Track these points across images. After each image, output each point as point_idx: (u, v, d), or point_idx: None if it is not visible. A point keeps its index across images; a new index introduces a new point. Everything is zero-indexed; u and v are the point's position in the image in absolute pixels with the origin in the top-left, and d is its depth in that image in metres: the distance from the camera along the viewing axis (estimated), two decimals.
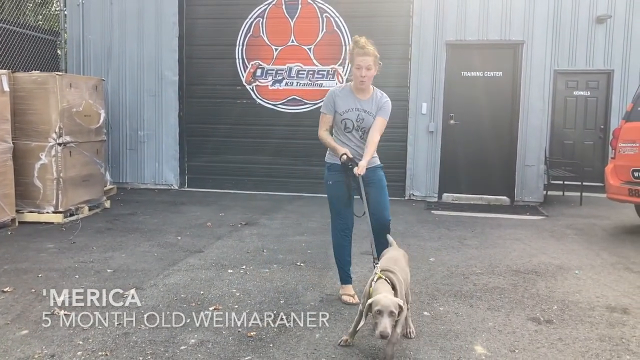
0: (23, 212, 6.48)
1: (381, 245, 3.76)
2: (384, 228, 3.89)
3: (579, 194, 8.79)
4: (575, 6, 9.91)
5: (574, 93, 10.33)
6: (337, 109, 3.92)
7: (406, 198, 8.73)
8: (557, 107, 10.32)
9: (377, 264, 3.30)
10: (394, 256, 3.48)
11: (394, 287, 3.05)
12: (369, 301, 2.94)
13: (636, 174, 6.33)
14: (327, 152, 4.05)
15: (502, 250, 5.58)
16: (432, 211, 7.77)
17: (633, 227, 6.91)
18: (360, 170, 3.70)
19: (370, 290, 3.04)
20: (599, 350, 3.19)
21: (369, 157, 3.80)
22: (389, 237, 3.73)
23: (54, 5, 12.55)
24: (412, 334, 3.34)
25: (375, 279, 3.09)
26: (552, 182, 9.13)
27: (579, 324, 3.61)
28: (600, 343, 3.30)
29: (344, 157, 3.82)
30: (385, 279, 3.07)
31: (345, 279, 4.08)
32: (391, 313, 2.82)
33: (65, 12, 9.50)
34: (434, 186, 8.71)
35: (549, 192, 8.99)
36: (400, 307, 2.89)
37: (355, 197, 4.00)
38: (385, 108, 3.92)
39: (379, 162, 4.03)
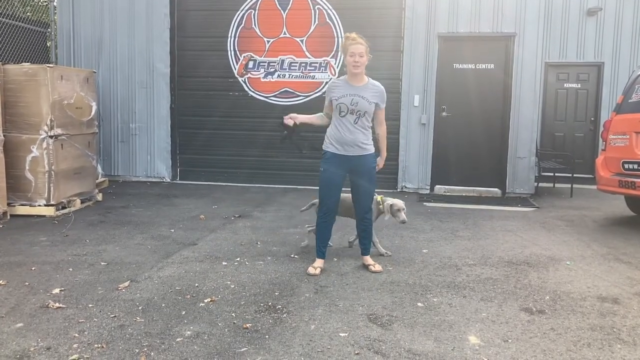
0: (15, 205, 6.45)
1: (363, 230, 4.63)
2: (363, 218, 4.59)
3: (569, 185, 8.87)
4: None
5: (565, 85, 10.39)
6: (333, 97, 4.34)
7: (398, 190, 8.76)
8: (548, 100, 10.39)
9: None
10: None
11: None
12: (390, 204, 4.82)
13: (626, 166, 6.39)
14: (324, 140, 4.45)
15: (494, 242, 5.62)
16: (425, 203, 7.80)
17: (623, 219, 6.99)
18: (380, 165, 4.65)
19: (382, 202, 4.89)
20: (590, 340, 3.24)
21: (385, 153, 4.69)
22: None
23: None
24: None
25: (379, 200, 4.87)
26: (543, 174, 9.20)
27: (570, 314, 3.65)
28: (591, 332, 3.34)
29: (288, 120, 4.61)
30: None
31: (319, 253, 4.55)
32: (404, 209, 4.81)
33: (55, 4, 9.41)
34: (426, 178, 8.75)
35: (540, 184, 9.06)
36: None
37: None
38: (382, 95, 4.44)
39: (372, 150, 4.47)
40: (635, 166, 6.27)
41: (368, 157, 4.41)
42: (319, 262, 4.51)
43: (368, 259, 4.64)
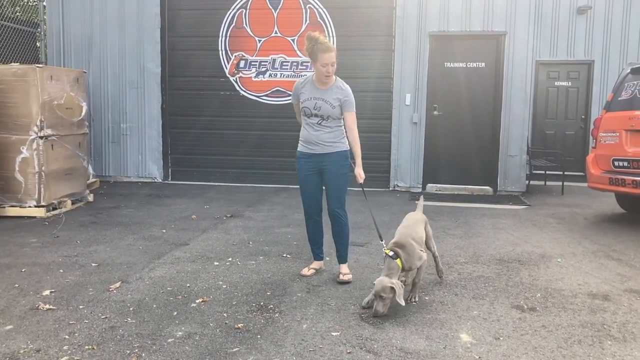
0: (4, 207, 6.40)
1: (336, 234, 4.31)
2: (333, 218, 4.29)
3: (560, 183, 8.92)
4: None
5: (555, 83, 10.44)
6: (300, 99, 4.24)
7: (390, 189, 8.77)
8: (538, 98, 10.44)
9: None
10: (406, 223, 4.03)
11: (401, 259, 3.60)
12: (374, 283, 3.52)
13: (617, 163, 6.43)
14: (299, 142, 4.36)
15: (486, 240, 5.64)
16: (416, 202, 7.78)
17: (613, 216, 7.03)
18: (360, 178, 4.16)
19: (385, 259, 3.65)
20: (581, 337, 3.25)
21: (359, 159, 4.19)
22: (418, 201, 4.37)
23: None
24: (441, 275, 4.21)
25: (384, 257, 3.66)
26: (534, 172, 9.25)
27: (561, 311, 3.67)
28: (582, 329, 3.36)
29: None
30: (391, 255, 3.59)
31: (314, 255, 4.51)
32: (381, 297, 3.40)
33: (44, 3, 9.35)
34: (418, 177, 8.76)
35: (531, 182, 9.10)
36: (392, 289, 3.39)
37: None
38: (348, 102, 4.18)
39: (340, 148, 4.22)
40: (625, 164, 6.31)
41: (334, 155, 4.16)
42: (314, 264, 4.48)
43: (343, 267, 4.32)
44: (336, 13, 8.73)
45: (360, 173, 4.17)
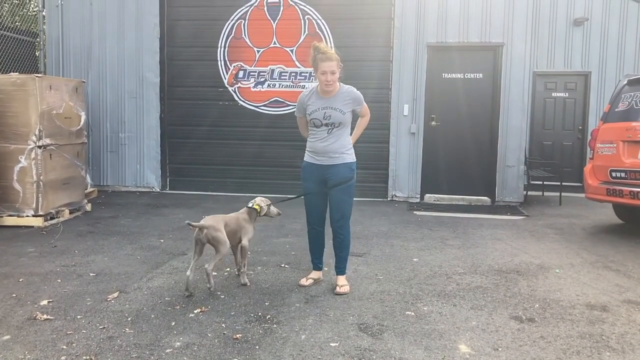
0: (2, 216, 6.39)
1: (336, 246, 4.30)
2: (334, 231, 4.29)
3: (558, 194, 8.93)
4: (553, 9, 10.08)
5: (553, 94, 10.49)
6: (307, 112, 4.23)
7: (389, 199, 8.78)
8: (536, 109, 10.48)
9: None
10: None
11: None
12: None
13: (614, 174, 6.45)
14: (305, 152, 4.35)
15: (484, 250, 5.64)
16: (415, 212, 7.82)
17: (611, 226, 7.04)
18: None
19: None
20: (579, 348, 3.25)
21: (355, 139, 4.37)
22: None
23: (32, 5, 12.39)
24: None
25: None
26: (532, 182, 9.26)
27: (560, 321, 3.67)
28: (581, 340, 3.36)
29: None
30: None
31: (313, 265, 4.51)
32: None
33: (44, 13, 9.39)
34: (416, 187, 8.77)
35: (529, 193, 9.11)
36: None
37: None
38: (357, 99, 4.24)
39: (346, 160, 4.22)
40: (623, 174, 6.33)
41: (339, 167, 4.17)
42: (313, 274, 4.47)
43: (340, 279, 4.32)
44: (335, 24, 8.77)
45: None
